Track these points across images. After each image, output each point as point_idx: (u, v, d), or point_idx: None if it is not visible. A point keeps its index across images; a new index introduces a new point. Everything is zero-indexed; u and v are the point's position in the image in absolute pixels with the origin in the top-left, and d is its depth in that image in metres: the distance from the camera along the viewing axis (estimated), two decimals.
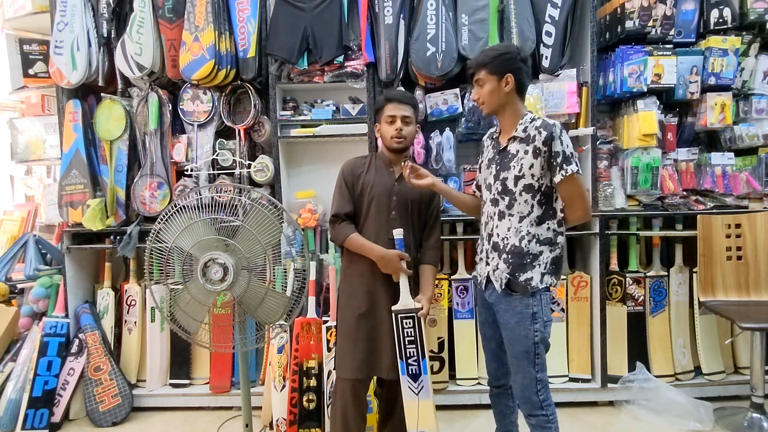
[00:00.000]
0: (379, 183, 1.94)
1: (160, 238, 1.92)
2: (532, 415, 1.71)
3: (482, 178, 1.84)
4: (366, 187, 1.94)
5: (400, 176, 1.94)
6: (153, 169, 2.66)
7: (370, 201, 1.93)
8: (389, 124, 1.92)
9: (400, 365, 1.82)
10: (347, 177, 1.97)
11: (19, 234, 3.33)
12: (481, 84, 1.72)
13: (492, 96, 1.70)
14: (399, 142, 1.91)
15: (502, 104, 1.72)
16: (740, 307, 2.38)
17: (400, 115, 1.90)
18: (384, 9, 2.59)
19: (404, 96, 1.98)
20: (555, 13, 2.56)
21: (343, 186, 1.97)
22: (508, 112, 1.73)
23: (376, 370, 1.91)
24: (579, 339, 2.65)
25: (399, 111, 1.91)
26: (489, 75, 1.69)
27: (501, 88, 1.69)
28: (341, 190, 1.97)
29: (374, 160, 2.02)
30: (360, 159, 2.04)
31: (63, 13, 2.63)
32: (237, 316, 2.07)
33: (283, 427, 2.36)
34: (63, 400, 2.55)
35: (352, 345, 1.90)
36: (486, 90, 1.70)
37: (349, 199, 1.95)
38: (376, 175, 1.96)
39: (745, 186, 2.59)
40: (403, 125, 1.91)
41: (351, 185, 1.96)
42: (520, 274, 1.68)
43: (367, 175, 1.96)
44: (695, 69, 2.52)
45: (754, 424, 2.32)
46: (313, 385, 2.35)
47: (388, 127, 1.92)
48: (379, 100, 2.01)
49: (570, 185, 1.64)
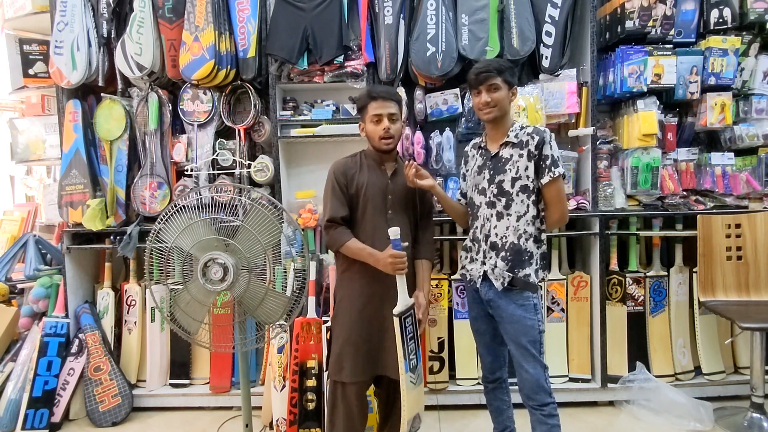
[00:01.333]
0: (373, 182, 1.88)
1: (160, 238, 1.92)
2: (544, 405, 1.75)
3: (471, 185, 1.90)
4: (360, 187, 1.87)
5: (393, 174, 1.92)
6: (153, 169, 2.66)
7: (365, 201, 1.87)
8: (375, 124, 1.84)
9: (404, 364, 1.81)
10: (340, 178, 1.88)
11: (19, 234, 3.33)
12: (495, 89, 1.76)
13: (503, 102, 1.78)
14: (388, 143, 1.85)
15: (506, 112, 1.81)
16: (740, 307, 2.38)
17: (386, 113, 1.83)
18: (384, 9, 2.59)
19: (388, 92, 1.88)
20: (555, 13, 2.56)
21: (336, 188, 1.87)
22: (505, 119, 1.82)
23: (381, 370, 1.86)
24: (579, 339, 2.65)
25: (384, 109, 1.83)
26: (504, 83, 1.77)
27: (509, 97, 1.80)
28: (334, 193, 1.87)
29: (364, 159, 1.94)
30: (350, 159, 1.95)
31: (63, 13, 2.63)
32: (237, 316, 2.07)
33: (283, 427, 2.36)
34: (63, 400, 2.55)
35: (353, 348, 1.84)
36: (499, 95, 1.76)
37: (343, 202, 1.86)
38: (369, 175, 1.89)
39: (745, 186, 2.59)
40: (390, 123, 1.83)
41: (344, 186, 1.87)
42: (519, 270, 1.75)
43: (360, 175, 1.89)
44: (695, 69, 2.52)
45: (754, 424, 2.32)
46: (313, 385, 2.35)
47: (375, 127, 1.84)
48: (361, 98, 1.90)
49: (556, 187, 1.75)
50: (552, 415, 1.75)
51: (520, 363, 1.77)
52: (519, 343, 1.76)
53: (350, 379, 1.84)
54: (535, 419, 1.78)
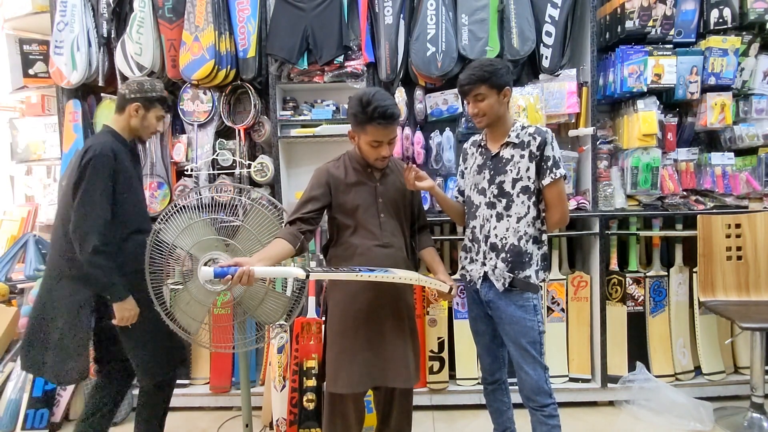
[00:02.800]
0: (361, 188, 1.79)
1: (160, 238, 1.92)
2: (544, 406, 1.74)
3: (470, 183, 1.87)
4: (348, 192, 1.78)
5: (381, 176, 1.83)
6: (153, 169, 2.66)
7: (355, 207, 1.77)
8: (374, 148, 1.71)
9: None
10: (323, 179, 1.78)
11: (19, 234, 3.32)
12: (481, 99, 1.72)
13: (492, 109, 1.73)
14: (383, 163, 1.78)
15: (500, 115, 1.76)
16: (740, 307, 2.38)
17: (387, 140, 1.71)
18: (384, 9, 2.59)
19: (393, 115, 1.67)
20: (555, 13, 2.56)
21: (316, 186, 1.77)
22: (503, 120, 1.78)
23: (381, 380, 1.77)
24: (579, 339, 2.65)
25: (386, 137, 1.70)
26: (490, 89, 1.70)
27: (501, 100, 1.74)
28: (312, 189, 1.77)
29: (348, 162, 1.83)
30: (332, 164, 1.84)
31: (63, 13, 2.63)
32: (237, 316, 2.08)
33: (283, 427, 2.36)
34: (63, 400, 2.55)
35: (350, 356, 1.74)
36: (486, 104, 1.72)
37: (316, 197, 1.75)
38: (356, 180, 1.80)
39: (745, 186, 2.59)
40: (389, 147, 1.74)
41: (331, 188, 1.77)
42: (519, 272, 1.74)
43: (347, 180, 1.79)
44: (695, 69, 2.52)
45: (754, 424, 2.32)
46: (313, 385, 2.35)
47: (372, 150, 1.72)
48: (359, 113, 1.68)
49: (557, 188, 1.73)
50: (552, 415, 1.75)
51: (519, 364, 1.76)
52: (519, 344, 1.75)
53: (346, 391, 1.75)
54: (536, 420, 1.78)
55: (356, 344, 1.75)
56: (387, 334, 1.77)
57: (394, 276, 1.64)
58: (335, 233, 1.87)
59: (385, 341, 1.77)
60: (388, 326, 1.78)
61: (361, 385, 1.77)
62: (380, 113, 1.65)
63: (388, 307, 1.79)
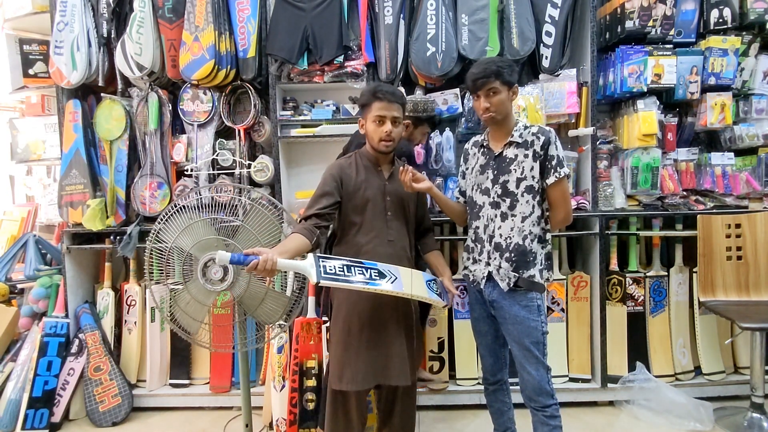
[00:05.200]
0: (371, 184, 1.84)
1: (160, 238, 1.92)
2: (546, 406, 1.75)
3: (473, 183, 1.88)
4: (358, 189, 1.83)
5: (390, 176, 1.89)
6: (153, 169, 2.66)
7: (365, 204, 1.82)
8: (378, 125, 1.79)
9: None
10: (336, 174, 1.83)
11: (19, 234, 3.32)
12: (494, 93, 1.72)
13: (503, 105, 1.74)
14: (388, 145, 1.81)
15: (507, 113, 1.77)
16: (740, 307, 2.38)
17: (390, 116, 1.78)
18: (384, 9, 2.59)
19: (394, 94, 1.81)
20: (555, 13, 2.56)
21: (330, 181, 1.81)
22: (507, 119, 1.79)
23: (384, 378, 1.80)
24: (579, 339, 2.65)
25: (388, 111, 1.78)
26: (502, 85, 1.72)
27: (510, 97, 1.76)
28: (325, 185, 1.81)
29: (360, 160, 1.89)
30: (344, 161, 1.91)
31: (63, 13, 2.63)
32: (237, 316, 2.08)
33: (283, 427, 2.36)
34: (63, 400, 2.55)
35: (354, 354, 1.78)
36: (498, 99, 1.73)
37: (324, 200, 1.78)
38: (366, 177, 1.85)
39: (745, 186, 2.59)
40: (393, 127, 1.79)
41: (343, 184, 1.82)
42: (524, 271, 1.74)
43: (358, 177, 1.85)
44: (695, 69, 2.52)
45: (754, 424, 2.32)
46: (313, 385, 2.35)
47: (377, 128, 1.79)
48: (365, 95, 1.83)
49: (561, 187, 1.74)
50: (554, 416, 1.75)
51: (522, 364, 1.76)
52: (522, 344, 1.75)
53: (351, 388, 1.78)
54: (537, 420, 1.78)
55: (361, 342, 1.79)
56: (391, 333, 1.80)
57: (389, 291, 1.68)
58: (340, 231, 1.90)
59: (389, 340, 1.80)
60: (392, 325, 1.81)
61: (365, 383, 1.80)
62: (383, 90, 1.81)
63: (392, 306, 1.82)
